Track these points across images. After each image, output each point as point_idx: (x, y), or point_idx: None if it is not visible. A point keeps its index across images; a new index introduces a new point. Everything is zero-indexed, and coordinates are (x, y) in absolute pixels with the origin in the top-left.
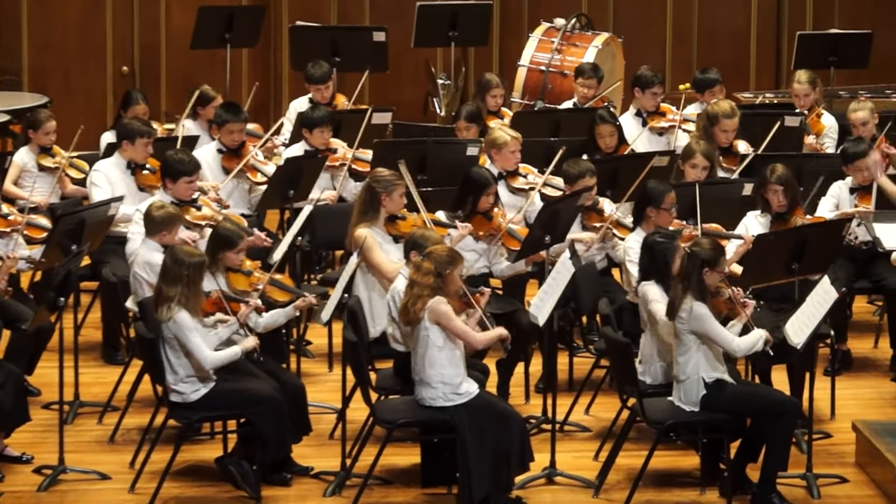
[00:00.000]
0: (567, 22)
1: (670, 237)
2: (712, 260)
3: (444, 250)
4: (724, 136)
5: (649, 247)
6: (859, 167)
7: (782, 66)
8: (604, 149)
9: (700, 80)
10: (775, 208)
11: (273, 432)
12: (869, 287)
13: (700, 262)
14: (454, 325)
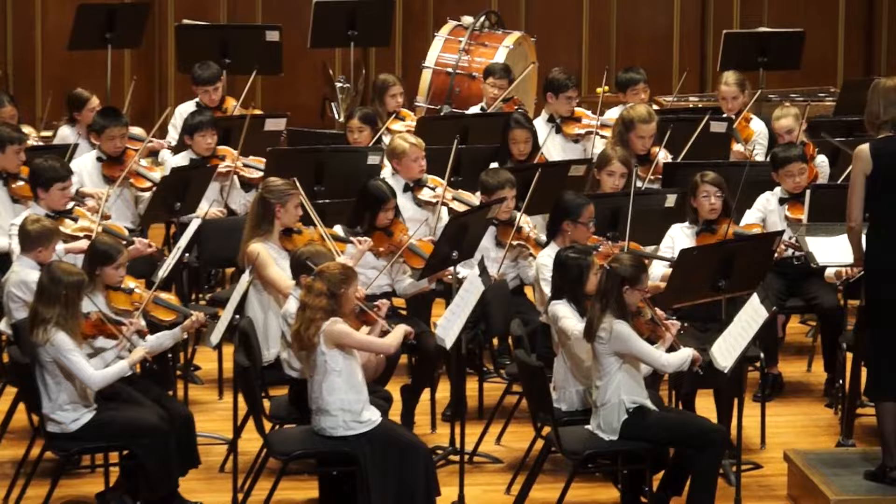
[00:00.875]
0: (475, 20)
1: (584, 252)
2: (633, 277)
3: (336, 268)
4: (641, 143)
5: (562, 262)
6: (791, 173)
7: (708, 67)
8: (517, 156)
9: (623, 79)
10: (706, 214)
11: (158, 465)
12: (801, 306)
13: (620, 279)
14: (357, 340)
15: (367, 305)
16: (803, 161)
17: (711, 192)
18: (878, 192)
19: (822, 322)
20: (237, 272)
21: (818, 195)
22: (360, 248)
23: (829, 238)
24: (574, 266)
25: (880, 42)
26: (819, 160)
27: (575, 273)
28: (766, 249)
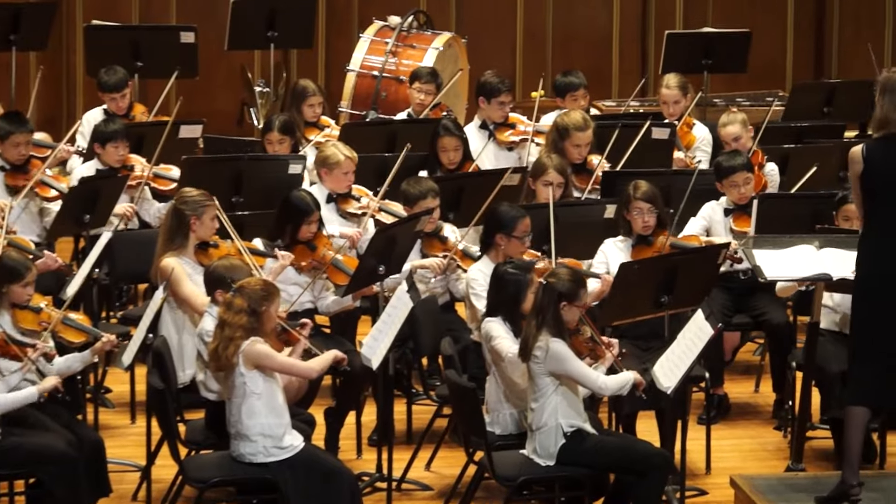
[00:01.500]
0: (403, 20)
1: (524, 269)
2: (571, 293)
3: (258, 284)
4: (577, 152)
5: (499, 278)
6: (735, 183)
7: (649, 70)
8: (446, 165)
9: (562, 83)
10: (639, 230)
11: (66, 494)
12: (748, 323)
13: (557, 295)
14: (278, 363)
15: (289, 324)
16: (748, 170)
17: (644, 209)
18: (869, 195)
19: (770, 339)
20: (150, 288)
21: (766, 205)
22: (282, 263)
23: (777, 251)
24: (512, 283)
25: (831, 43)
26: (769, 168)
27: (512, 290)
28: (712, 263)
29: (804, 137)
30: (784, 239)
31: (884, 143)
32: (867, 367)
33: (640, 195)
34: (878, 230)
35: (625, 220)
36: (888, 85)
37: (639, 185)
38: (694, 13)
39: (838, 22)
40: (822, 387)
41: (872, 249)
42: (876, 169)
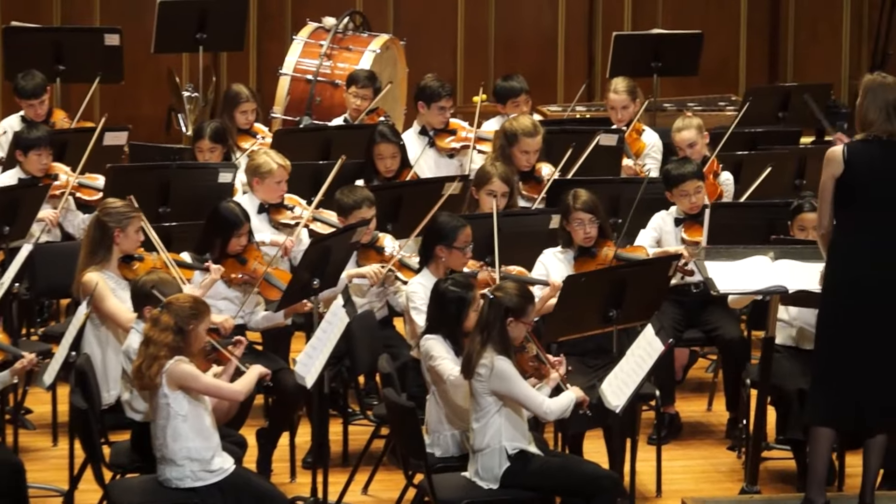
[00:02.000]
0: (338, 22)
1: (466, 286)
2: (518, 308)
3: (187, 301)
4: (525, 158)
5: (440, 296)
6: (685, 192)
7: (596, 73)
8: (384, 173)
9: (502, 89)
10: (580, 242)
11: None
12: (700, 338)
13: (504, 310)
14: (203, 384)
15: (220, 342)
16: (699, 178)
17: (585, 220)
18: (845, 199)
19: (723, 355)
20: (73, 304)
21: (718, 215)
22: (212, 277)
23: (730, 263)
24: (454, 301)
25: (786, 45)
26: (724, 177)
27: (454, 309)
28: (662, 275)
29: (758, 144)
30: (737, 250)
31: (867, 145)
32: (836, 384)
33: (579, 205)
34: (853, 236)
35: (565, 231)
36: (870, 86)
37: (578, 194)
38: (643, 13)
39: (794, 22)
40: (779, 405)
41: (846, 256)
42: (857, 171)
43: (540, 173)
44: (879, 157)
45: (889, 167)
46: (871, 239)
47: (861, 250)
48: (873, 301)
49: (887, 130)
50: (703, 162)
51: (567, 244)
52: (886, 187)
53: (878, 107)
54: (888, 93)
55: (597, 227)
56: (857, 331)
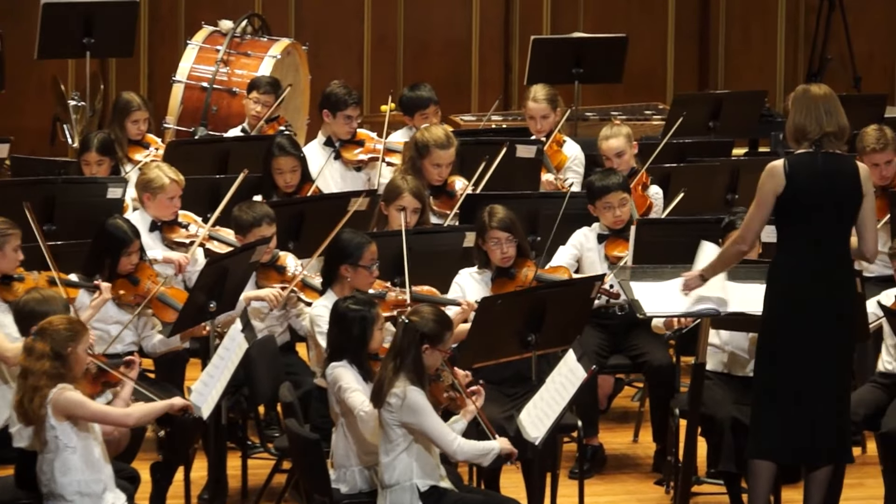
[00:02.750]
0: (236, 25)
1: (367, 303)
2: (435, 335)
3: (62, 323)
4: (437, 172)
5: (341, 315)
6: (609, 204)
7: (513, 80)
8: (283, 188)
9: (408, 100)
10: (497, 262)
11: None
12: (626, 364)
13: (419, 336)
14: (90, 411)
15: (108, 364)
16: (624, 190)
17: (502, 239)
18: (789, 216)
19: (650, 383)
20: None
21: (645, 231)
22: (103, 297)
23: (657, 283)
24: (355, 320)
25: (716, 50)
26: (653, 190)
27: (356, 329)
28: (584, 297)
29: (687, 155)
30: (665, 269)
31: (808, 157)
32: (778, 414)
33: (496, 223)
34: (797, 256)
35: (481, 250)
36: (799, 97)
37: (494, 211)
38: (563, 16)
39: (725, 26)
40: (710, 436)
41: (790, 277)
42: (800, 187)
43: (453, 187)
44: (822, 170)
45: (832, 182)
46: (816, 260)
47: (805, 272)
48: (818, 325)
49: (825, 137)
50: (631, 174)
51: (484, 264)
52: (830, 203)
53: (811, 114)
54: (818, 99)
55: (515, 247)
56: (801, 356)
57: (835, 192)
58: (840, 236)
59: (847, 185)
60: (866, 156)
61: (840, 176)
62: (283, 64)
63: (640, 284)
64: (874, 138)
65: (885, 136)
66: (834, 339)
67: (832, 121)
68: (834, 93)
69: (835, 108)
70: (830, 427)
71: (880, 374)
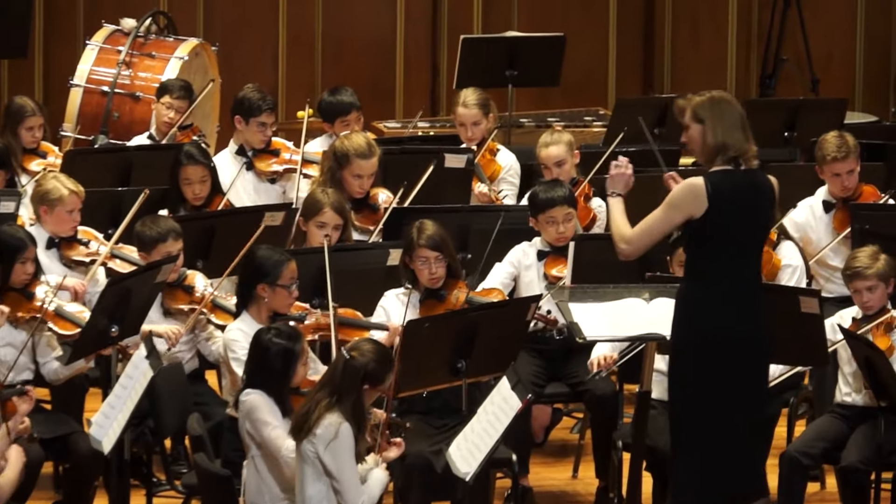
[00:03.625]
0: (139, 24)
1: (293, 337)
2: (375, 375)
3: None
4: (358, 184)
5: (263, 347)
6: (553, 219)
7: (441, 84)
8: (192, 200)
9: (328, 105)
10: (426, 282)
11: None
12: (565, 393)
13: (361, 375)
14: None
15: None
16: (570, 204)
17: (431, 258)
18: (710, 240)
19: (591, 413)
20: None
21: (585, 248)
22: None
23: (599, 304)
24: (279, 354)
25: (662, 50)
26: (596, 203)
27: (279, 363)
28: (519, 320)
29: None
30: (607, 290)
31: (729, 176)
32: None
33: (424, 241)
34: (717, 284)
35: (408, 268)
36: (706, 109)
37: (424, 228)
38: (495, 14)
39: (671, 23)
40: (656, 470)
41: (710, 307)
42: (724, 209)
43: (376, 200)
44: (745, 189)
45: (755, 202)
46: (738, 287)
47: (727, 300)
48: (741, 358)
49: (745, 151)
50: (571, 184)
51: (410, 283)
52: (754, 226)
53: (727, 127)
54: (733, 108)
55: (444, 267)
56: (722, 393)
57: (757, 212)
58: (758, 259)
59: (767, 206)
60: (827, 165)
61: (761, 195)
62: (191, 66)
63: (579, 306)
64: (835, 146)
65: (846, 143)
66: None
67: (749, 135)
68: None
69: (746, 121)
70: (756, 467)
71: (838, 405)
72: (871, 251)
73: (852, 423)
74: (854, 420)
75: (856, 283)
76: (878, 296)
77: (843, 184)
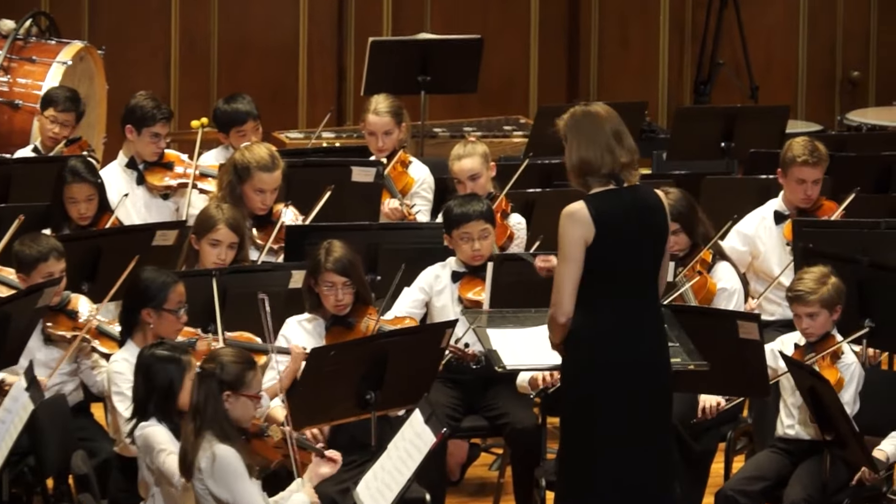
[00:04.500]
0: (18, 25)
1: (178, 350)
2: (236, 379)
3: None
4: (260, 199)
5: (147, 366)
6: (468, 236)
7: (347, 90)
8: (77, 220)
9: (223, 114)
10: (331, 309)
11: None
12: (483, 427)
13: (218, 384)
14: None
15: None
16: (487, 220)
17: (338, 284)
18: (601, 269)
19: (512, 449)
20: None
21: (504, 268)
22: None
23: (519, 330)
24: (162, 370)
25: (588, 54)
26: (514, 220)
27: (163, 379)
28: (433, 348)
29: (554, 179)
30: (529, 314)
31: (613, 195)
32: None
33: (331, 264)
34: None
35: (312, 292)
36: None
37: (331, 249)
38: (406, 14)
39: (598, 25)
40: None
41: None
42: (612, 231)
43: (279, 217)
44: (632, 209)
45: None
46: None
47: (616, 331)
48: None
49: (617, 167)
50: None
51: (314, 308)
52: (645, 246)
53: (586, 143)
54: (595, 121)
55: (352, 294)
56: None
57: (650, 231)
58: (654, 282)
59: (659, 223)
60: (795, 168)
61: (651, 212)
62: (76, 71)
63: (498, 332)
64: (807, 150)
65: (818, 149)
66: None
67: (624, 147)
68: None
69: (623, 131)
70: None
71: (779, 439)
72: (820, 273)
73: (795, 459)
74: (797, 455)
75: (796, 308)
76: (819, 323)
77: (805, 192)
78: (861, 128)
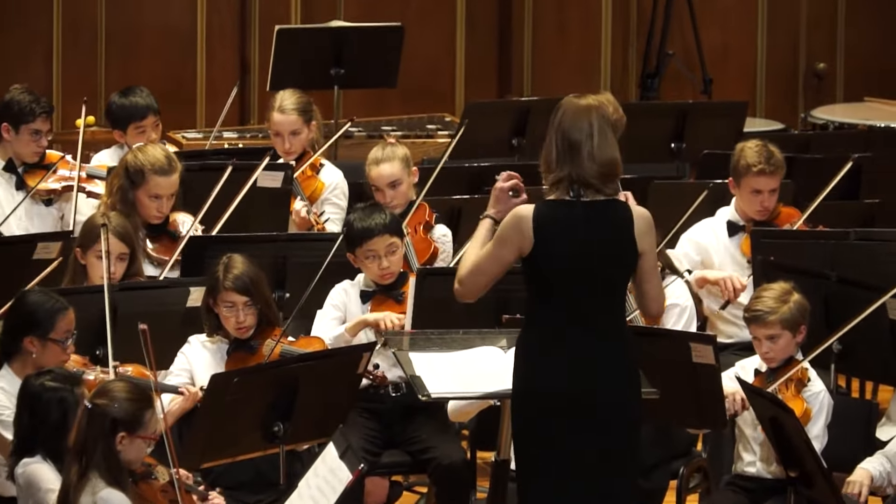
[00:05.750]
0: None
1: (70, 379)
2: (131, 419)
3: None
4: (156, 206)
5: (33, 396)
6: (373, 252)
7: (251, 85)
8: None
9: (120, 108)
10: (233, 331)
11: None
12: (405, 462)
13: (110, 422)
14: None
15: None
16: (394, 233)
17: (238, 304)
18: (540, 283)
19: (438, 486)
20: None
21: (427, 285)
22: None
23: (445, 354)
24: (52, 402)
25: (521, 45)
26: (439, 232)
27: (55, 413)
28: (348, 374)
29: (485, 184)
30: (456, 336)
31: (565, 209)
32: None
33: (230, 282)
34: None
35: (211, 312)
36: (555, 117)
37: (233, 264)
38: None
39: (532, 14)
40: None
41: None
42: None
43: (175, 227)
44: (584, 227)
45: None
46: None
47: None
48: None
49: (581, 178)
50: (408, 208)
51: (214, 329)
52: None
53: (569, 141)
54: (577, 120)
55: (255, 315)
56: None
57: (603, 255)
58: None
59: (618, 247)
60: (749, 178)
61: (609, 233)
62: None
63: (421, 356)
64: (762, 157)
65: (774, 155)
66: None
67: (604, 152)
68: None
69: (611, 136)
70: None
71: (738, 476)
72: (780, 291)
73: (756, 498)
74: (758, 494)
75: (755, 330)
76: (780, 346)
77: (762, 203)
78: (827, 126)
